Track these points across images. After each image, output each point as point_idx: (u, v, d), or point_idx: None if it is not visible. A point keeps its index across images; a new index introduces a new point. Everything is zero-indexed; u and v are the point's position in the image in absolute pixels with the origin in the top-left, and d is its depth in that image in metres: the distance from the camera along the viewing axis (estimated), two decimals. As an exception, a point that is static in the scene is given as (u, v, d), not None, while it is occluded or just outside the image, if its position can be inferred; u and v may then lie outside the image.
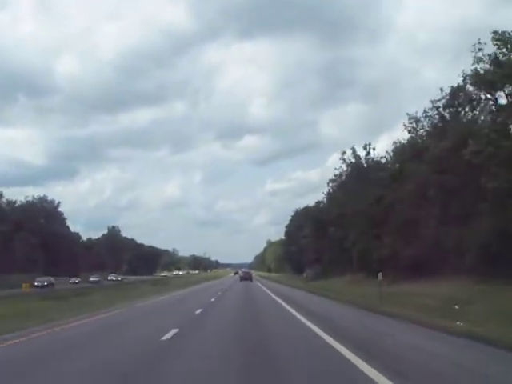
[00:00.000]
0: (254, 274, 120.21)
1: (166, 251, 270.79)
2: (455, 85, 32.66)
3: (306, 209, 70.07)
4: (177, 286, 58.01)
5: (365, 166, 50.56)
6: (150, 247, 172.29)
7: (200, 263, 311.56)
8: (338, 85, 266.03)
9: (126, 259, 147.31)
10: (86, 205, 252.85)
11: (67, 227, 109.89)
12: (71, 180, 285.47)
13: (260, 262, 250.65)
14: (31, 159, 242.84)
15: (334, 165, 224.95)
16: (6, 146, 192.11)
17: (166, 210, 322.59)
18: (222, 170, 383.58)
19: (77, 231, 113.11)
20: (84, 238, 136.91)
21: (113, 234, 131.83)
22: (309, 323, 14.35)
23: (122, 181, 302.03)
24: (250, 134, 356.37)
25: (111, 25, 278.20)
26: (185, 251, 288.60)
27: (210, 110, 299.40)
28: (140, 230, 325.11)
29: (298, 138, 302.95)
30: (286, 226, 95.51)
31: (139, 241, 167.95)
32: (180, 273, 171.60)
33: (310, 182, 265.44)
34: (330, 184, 59.71)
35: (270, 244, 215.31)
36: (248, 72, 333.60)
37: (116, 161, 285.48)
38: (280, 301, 26.43)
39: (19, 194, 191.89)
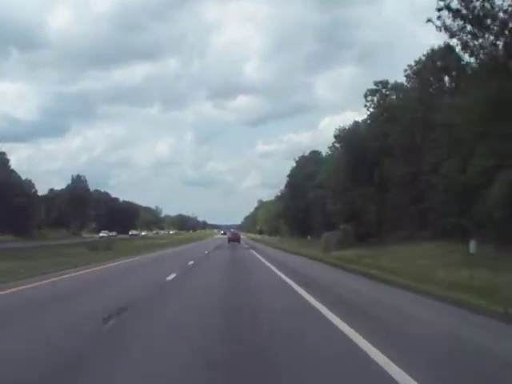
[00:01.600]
0: (244, 236, 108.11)
1: (148, 208, 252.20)
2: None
3: (344, 131, 43.83)
4: (131, 252, 37.28)
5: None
6: (126, 203, 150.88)
7: (186, 223, 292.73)
8: (334, 46, 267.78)
9: (94, 215, 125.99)
10: (76, 162, 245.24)
11: (17, 176, 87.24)
12: (62, 136, 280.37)
13: (250, 223, 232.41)
14: (23, 115, 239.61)
15: (326, 128, 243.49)
16: None
17: (156, 168, 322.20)
18: (214, 130, 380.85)
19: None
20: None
21: (77, 186, 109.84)
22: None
23: (112, 138, 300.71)
24: (243, 95, 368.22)
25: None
26: (173, 211, 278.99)
27: (203, 67, 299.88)
28: (128, 189, 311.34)
29: (291, 99, 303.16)
30: (289, 176, 74.61)
31: (122, 198, 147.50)
32: (161, 232, 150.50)
33: (302, 144, 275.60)
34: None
35: (261, 204, 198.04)
36: (245, 30, 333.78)
37: (107, 117, 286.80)
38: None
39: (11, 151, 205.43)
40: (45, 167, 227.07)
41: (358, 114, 54.68)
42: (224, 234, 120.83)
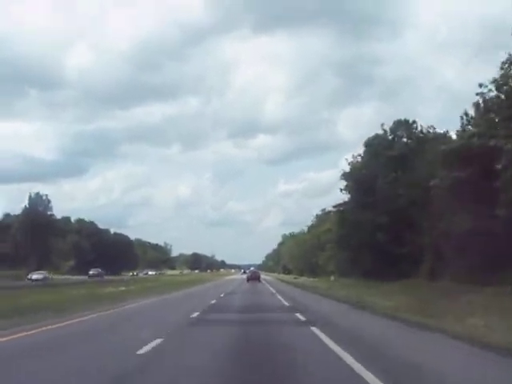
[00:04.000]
0: (266, 276, 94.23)
1: (156, 246, 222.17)
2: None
3: None
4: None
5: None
6: (118, 235, 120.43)
7: (201, 262, 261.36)
8: (356, 83, 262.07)
9: (71, 250, 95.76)
10: (95, 203, 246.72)
11: None
12: (81, 177, 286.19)
13: (272, 261, 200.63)
14: (41, 154, 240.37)
15: (347, 166, 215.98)
16: (16, 141, 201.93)
17: (175, 209, 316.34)
18: (234, 169, 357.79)
19: None
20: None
21: (36, 210, 79.81)
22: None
23: (132, 178, 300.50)
24: (263, 133, 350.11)
25: (124, 14, 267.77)
26: (191, 251, 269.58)
27: (223, 106, 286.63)
28: (146, 229, 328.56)
29: (312, 137, 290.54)
30: (344, 175, 44.06)
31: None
32: (154, 272, 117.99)
33: (323, 183, 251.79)
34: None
35: (286, 238, 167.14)
36: (264, 68, 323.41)
37: (126, 157, 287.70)
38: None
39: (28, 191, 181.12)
40: (62, 207, 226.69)
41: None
42: (244, 272, 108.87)
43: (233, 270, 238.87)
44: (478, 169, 24.09)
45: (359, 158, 44.52)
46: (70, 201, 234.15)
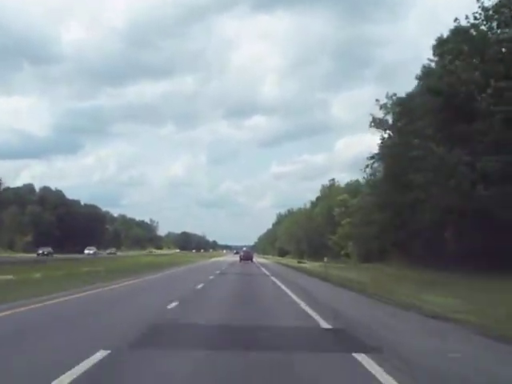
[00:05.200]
0: (261, 259, 79.95)
1: (142, 223, 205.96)
2: None
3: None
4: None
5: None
6: (90, 207, 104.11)
7: (190, 242, 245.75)
8: (353, 64, 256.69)
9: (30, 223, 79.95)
10: (89, 180, 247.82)
11: None
12: (74, 154, 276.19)
13: (266, 242, 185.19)
14: (35, 131, 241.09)
15: (341, 149, 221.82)
16: (9, 116, 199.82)
17: (169, 188, 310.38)
18: (228, 150, 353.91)
19: None
20: None
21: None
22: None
23: (125, 157, 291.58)
24: (258, 114, 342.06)
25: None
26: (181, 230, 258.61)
27: (219, 86, 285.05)
28: (140, 208, 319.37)
29: (307, 119, 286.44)
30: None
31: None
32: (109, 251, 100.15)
33: (317, 165, 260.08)
34: None
35: (282, 218, 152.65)
36: (261, 47, 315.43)
37: (120, 135, 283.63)
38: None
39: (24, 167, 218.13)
40: (56, 184, 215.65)
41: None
42: (237, 253, 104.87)
43: (224, 251, 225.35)
44: None
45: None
46: (63, 178, 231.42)
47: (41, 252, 61.47)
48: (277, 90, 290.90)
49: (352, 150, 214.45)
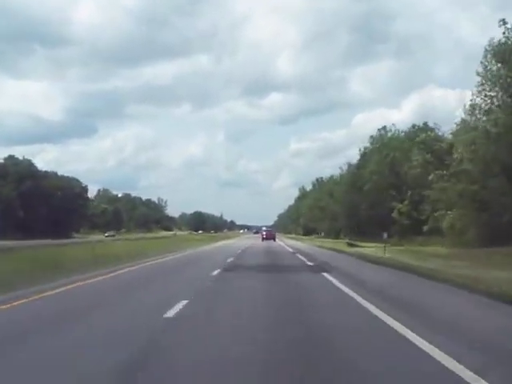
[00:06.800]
0: (289, 240, 63.69)
1: (149, 201, 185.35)
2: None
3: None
4: None
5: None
6: (67, 180, 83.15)
7: (205, 222, 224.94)
8: (370, 39, 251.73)
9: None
10: (105, 164, 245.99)
11: None
12: (89, 138, 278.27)
13: (289, 220, 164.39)
14: (49, 115, 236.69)
15: (359, 125, 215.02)
16: (22, 100, 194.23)
17: (186, 169, 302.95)
18: (245, 129, 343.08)
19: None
20: None
21: None
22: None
23: (142, 139, 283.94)
24: (275, 91, 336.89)
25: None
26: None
27: (234, 64, 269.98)
28: (158, 190, 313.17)
29: (325, 96, 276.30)
30: None
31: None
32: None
33: (335, 143, 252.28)
34: None
35: (307, 192, 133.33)
36: (276, 23, 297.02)
37: (135, 117, 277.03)
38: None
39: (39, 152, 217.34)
40: (72, 168, 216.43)
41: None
42: (257, 233, 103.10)
43: (241, 231, 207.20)
44: None
45: None
46: (79, 162, 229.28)
47: None
48: (292, 66, 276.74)
49: (370, 125, 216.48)
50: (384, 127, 53.06)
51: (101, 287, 12.78)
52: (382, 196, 44.00)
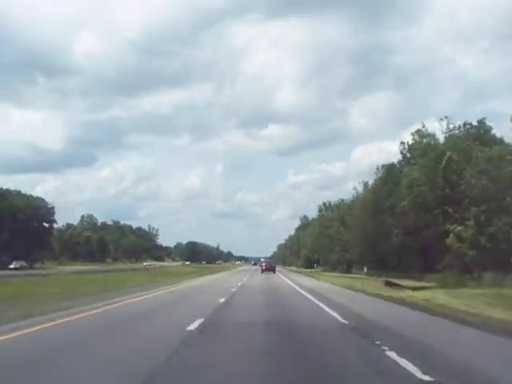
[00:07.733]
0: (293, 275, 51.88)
1: (139, 230, 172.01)
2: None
3: None
4: None
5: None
6: (30, 199, 70.77)
7: (199, 253, 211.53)
8: (369, 71, 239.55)
9: None
10: (104, 193, 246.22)
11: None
12: (89, 168, 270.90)
13: (288, 251, 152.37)
14: (49, 144, 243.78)
15: (359, 157, 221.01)
16: (23, 130, 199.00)
17: (185, 200, 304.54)
18: (244, 160, 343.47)
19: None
20: None
21: None
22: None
23: (141, 169, 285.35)
24: (274, 123, 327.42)
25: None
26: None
27: (234, 95, 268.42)
28: (156, 220, 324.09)
29: (324, 128, 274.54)
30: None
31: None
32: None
33: (334, 175, 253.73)
34: None
35: (306, 222, 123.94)
36: (276, 55, 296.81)
37: (135, 147, 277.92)
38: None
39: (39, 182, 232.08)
40: (70, 199, 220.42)
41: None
42: (255, 264, 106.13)
43: (237, 262, 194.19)
44: None
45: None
46: (78, 192, 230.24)
47: None
48: (292, 98, 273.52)
49: (370, 158, 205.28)
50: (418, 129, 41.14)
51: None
52: (427, 216, 32.01)
